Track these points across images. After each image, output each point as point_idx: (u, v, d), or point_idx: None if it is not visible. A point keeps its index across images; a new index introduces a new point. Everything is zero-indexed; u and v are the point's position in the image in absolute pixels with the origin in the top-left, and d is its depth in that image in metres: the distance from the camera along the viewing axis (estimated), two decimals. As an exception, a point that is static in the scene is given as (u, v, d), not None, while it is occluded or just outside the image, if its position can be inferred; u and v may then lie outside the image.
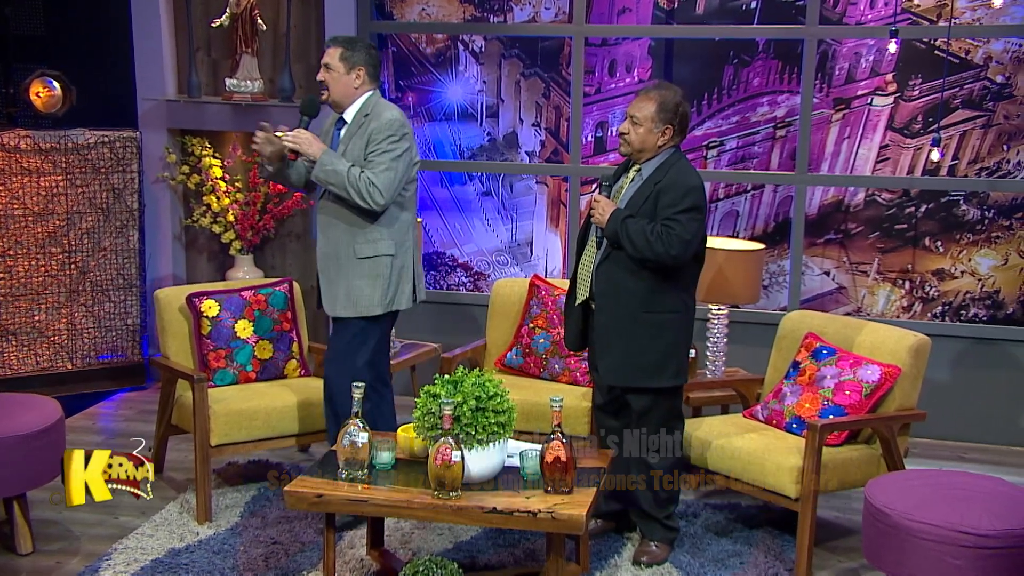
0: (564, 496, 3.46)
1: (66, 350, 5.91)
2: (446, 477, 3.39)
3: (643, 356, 3.87)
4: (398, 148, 4.02)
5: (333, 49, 4.10)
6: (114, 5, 6.11)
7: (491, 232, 6.15)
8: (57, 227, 5.80)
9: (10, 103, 5.94)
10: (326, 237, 4.13)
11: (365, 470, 3.54)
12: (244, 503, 4.46)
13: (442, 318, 6.07)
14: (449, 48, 6.04)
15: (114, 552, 3.98)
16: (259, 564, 3.91)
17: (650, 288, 3.84)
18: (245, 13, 5.81)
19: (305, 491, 3.46)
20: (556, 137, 5.97)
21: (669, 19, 5.74)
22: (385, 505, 3.44)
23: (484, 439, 3.48)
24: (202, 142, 6.11)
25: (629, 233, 3.76)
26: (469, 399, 3.47)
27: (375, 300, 4.09)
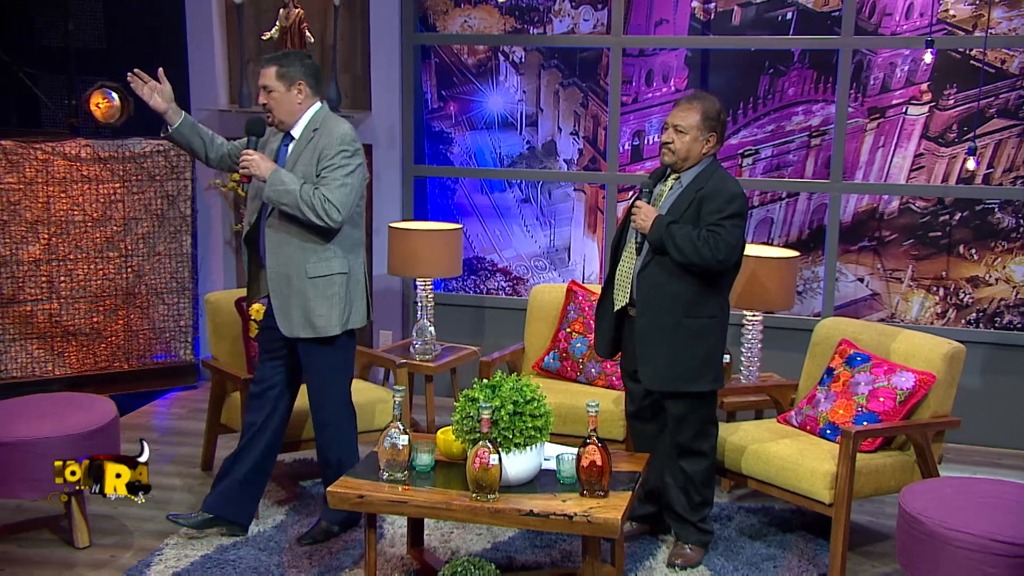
0: (600, 500, 3.41)
1: (122, 351, 5.95)
2: (484, 480, 3.35)
3: (684, 361, 3.81)
4: (351, 163, 3.78)
5: (268, 69, 3.80)
6: (170, 20, 6.14)
7: (530, 238, 6.11)
8: (114, 232, 5.84)
9: (72, 114, 5.99)
10: (276, 256, 3.84)
11: (406, 472, 3.51)
12: (290, 501, 4.45)
13: (482, 321, 6.05)
14: (490, 59, 6.01)
15: (165, 547, 3.98)
16: (303, 561, 3.89)
17: (692, 293, 3.77)
18: (294, 26, 5.81)
19: (347, 491, 3.44)
20: (594, 145, 5.91)
21: (706, 30, 5.66)
22: (425, 506, 3.41)
23: (521, 443, 3.44)
24: (252, 150, 6.11)
25: (675, 238, 3.69)
26: (507, 404, 3.43)
27: (333, 320, 3.85)
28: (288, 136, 3.88)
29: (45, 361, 5.79)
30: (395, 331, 6.06)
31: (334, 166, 3.75)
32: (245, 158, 3.75)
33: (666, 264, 3.76)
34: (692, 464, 3.92)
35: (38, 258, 5.69)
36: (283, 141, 3.90)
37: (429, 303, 5.33)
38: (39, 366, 5.77)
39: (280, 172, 3.74)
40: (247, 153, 3.76)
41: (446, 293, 6.11)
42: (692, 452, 3.91)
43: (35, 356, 5.76)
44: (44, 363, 5.79)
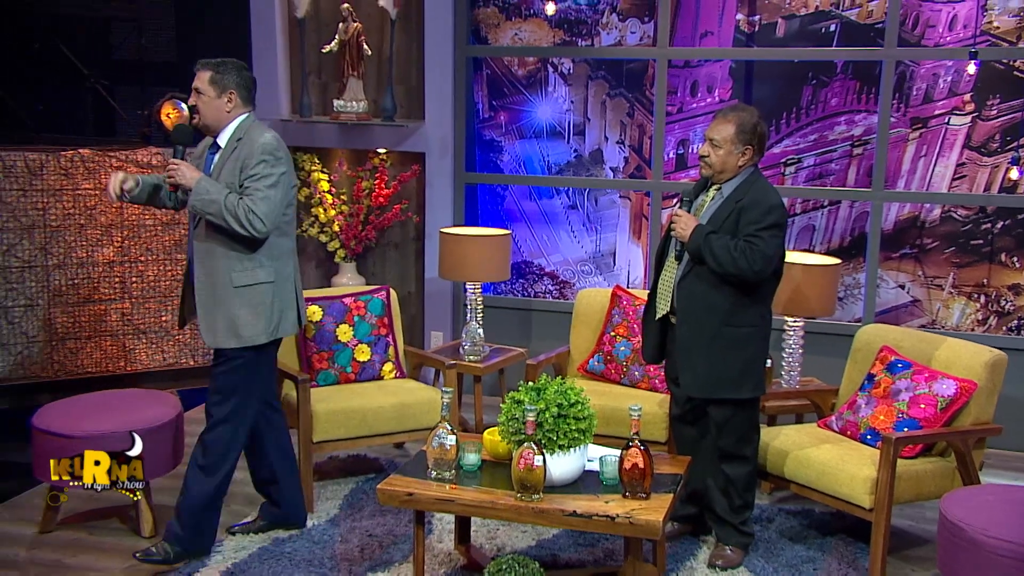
0: (642, 501, 3.33)
1: (188, 348, 5.98)
2: (528, 480, 3.29)
3: (724, 369, 3.71)
4: (274, 173, 3.57)
5: (203, 72, 3.63)
6: (236, 33, 6.16)
7: (576, 243, 6.03)
8: (182, 235, 5.86)
9: (144, 123, 6.04)
10: (202, 266, 3.65)
11: (453, 471, 3.46)
12: (343, 496, 4.42)
13: (529, 323, 5.98)
14: (539, 70, 5.94)
15: (225, 539, 3.97)
16: (355, 555, 3.85)
17: (731, 303, 3.67)
18: (352, 40, 5.79)
19: (397, 489, 3.40)
20: (639, 154, 5.82)
21: (750, 42, 5.54)
22: (471, 505, 3.35)
23: (565, 445, 3.37)
24: (312, 158, 6.12)
25: (712, 248, 3.60)
26: (551, 406, 3.37)
27: (259, 329, 3.64)
28: (215, 145, 3.70)
29: (117, 357, 5.83)
30: (445, 332, 6.02)
31: (256, 176, 3.55)
32: (171, 167, 3.59)
33: (705, 274, 3.67)
34: (734, 468, 3.81)
35: (112, 259, 5.74)
36: (210, 150, 3.73)
37: (478, 306, 5.27)
38: (111, 362, 5.82)
39: (205, 181, 3.56)
40: (173, 162, 3.60)
41: (495, 296, 6.05)
42: (734, 457, 3.81)
43: (108, 352, 5.81)
44: (116, 359, 5.83)
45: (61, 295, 5.64)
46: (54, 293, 5.63)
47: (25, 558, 3.84)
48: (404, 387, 4.57)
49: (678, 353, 3.78)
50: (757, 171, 3.77)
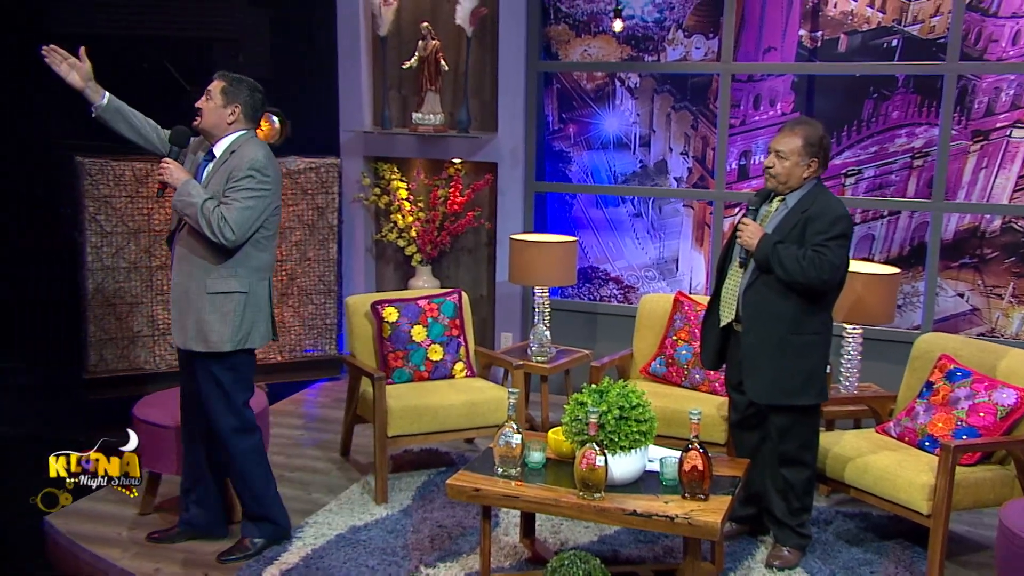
0: (700, 502, 3.22)
1: (277, 344, 6.02)
2: (590, 479, 3.21)
3: (789, 376, 3.57)
4: (257, 189, 3.45)
5: (218, 81, 3.55)
6: (324, 51, 6.19)
7: (640, 250, 5.91)
8: (271, 240, 5.91)
9: (238, 135, 6.09)
10: (180, 269, 3.55)
11: (518, 468, 3.39)
12: (416, 487, 4.39)
13: (594, 326, 5.89)
14: (607, 84, 5.84)
15: (305, 526, 3.96)
16: (425, 545, 3.81)
17: (797, 311, 3.53)
18: (431, 56, 5.77)
19: (464, 484, 3.34)
20: (703, 164, 5.68)
21: (812, 56, 5.36)
22: (535, 502, 3.28)
23: (627, 446, 3.28)
24: (391, 168, 6.12)
25: (780, 258, 3.46)
26: (613, 408, 3.28)
27: (225, 336, 3.50)
28: (210, 153, 3.59)
29: (211, 352, 5.90)
30: (515, 333, 5.96)
31: (238, 188, 3.44)
32: (163, 166, 3.50)
33: (771, 282, 3.53)
34: (794, 473, 3.67)
35: (207, 262, 5.81)
36: (205, 158, 3.62)
37: (546, 309, 5.20)
38: (205, 356, 5.89)
39: (190, 184, 3.47)
40: (165, 161, 3.51)
41: (562, 300, 5.97)
42: (794, 462, 3.67)
43: (202, 347, 5.88)
44: (210, 353, 5.90)
45: (163, 294, 5.72)
46: (156, 292, 5.72)
47: (126, 537, 3.88)
48: (474, 386, 4.52)
49: (743, 360, 3.65)
50: (820, 182, 3.63)
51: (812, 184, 3.59)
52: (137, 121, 3.61)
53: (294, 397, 5.86)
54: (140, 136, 3.62)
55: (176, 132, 3.60)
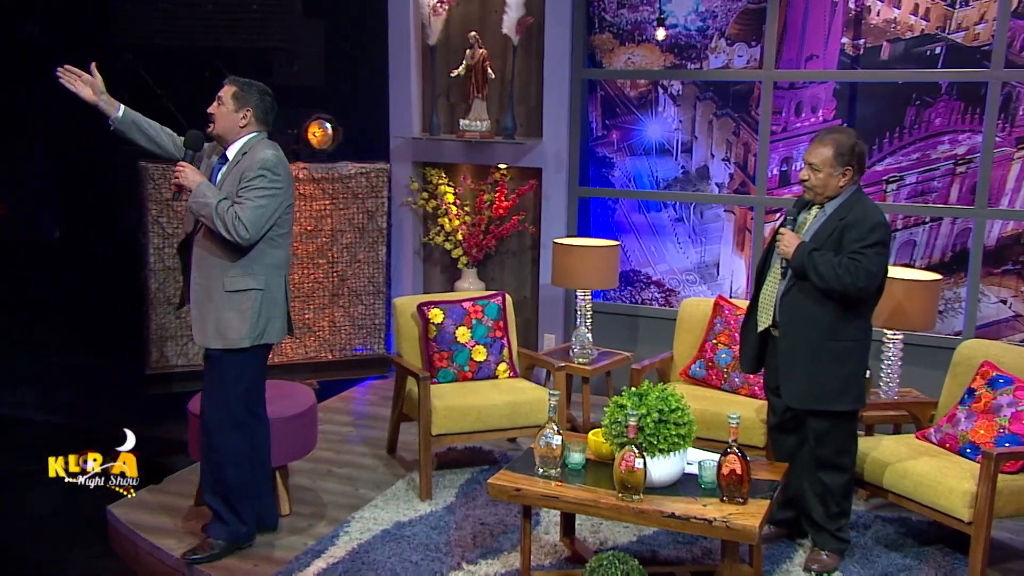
0: (739, 506, 3.15)
1: (328, 343, 6.04)
2: (629, 481, 3.15)
3: (826, 382, 3.48)
4: (269, 187, 3.43)
5: (229, 87, 3.52)
6: (376, 61, 6.21)
7: (682, 254, 5.83)
8: (324, 243, 5.93)
9: (294, 141, 6.12)
10: (199, 269, 3.53)
11: (558, 468, 3.34)
12: (459, 485, 4.36)
13: (636, 328, 5.82)
14: (650, 91, 5.77)
15: (352, 520, 3.95)
16: (468, 541, 3.78)
17: (834, 317, 3.44)
18: (478, 64, 5.75)
19: (505, 484, 3.30)
20: (744, 170, 5.58)
21: (854, 64, 5.23)
22: (574, 503, 3.23)
23: (665, 449, 3.22)
24: (439, 173, 6.11)
25: (816, 265, 3.38)
26: (652, 412, 3.22)
27: (243, 333, 3.48)
28: (223, 157, 3.57)
29: (265, 349, 5.93)
30: (557, 335, 5.91)
31: (251, 187, 3.41)
32: (177, 170, 3.48)
33: (808, 289, 3.44)
34: (832, 477, 3.58)
35: (262, 263, 5.84)
36: (219, 161, 3.59)
37: (588, 312, 5.15)
38: (260, 353, 5.93)
39: (205, 185, 3.45)
40: (181, 165, 3.49)
41: (604, 302, 5.91)
42: (832, 466, 3.57)
43: (257, 345, 5.92)
44: (264, 351, 5.93)
45: (219, 293, 5.77)
46: (213, 291, 5.76)
47: (182, 527, 3.91)
48: (516, 386, 4.48)
49: (779, 365, 3.57)
50: (859, 189, 3.53)
51: (851, 191, 3.49)
52: (152, 131, 3.61)
53: (344, 394, 5.88)
54: (155, 145, 3.63)
55: (190, 136, 3.59)
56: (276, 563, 3.59)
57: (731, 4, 5.44)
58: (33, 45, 6.76)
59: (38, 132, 4.41)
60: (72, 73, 3.46)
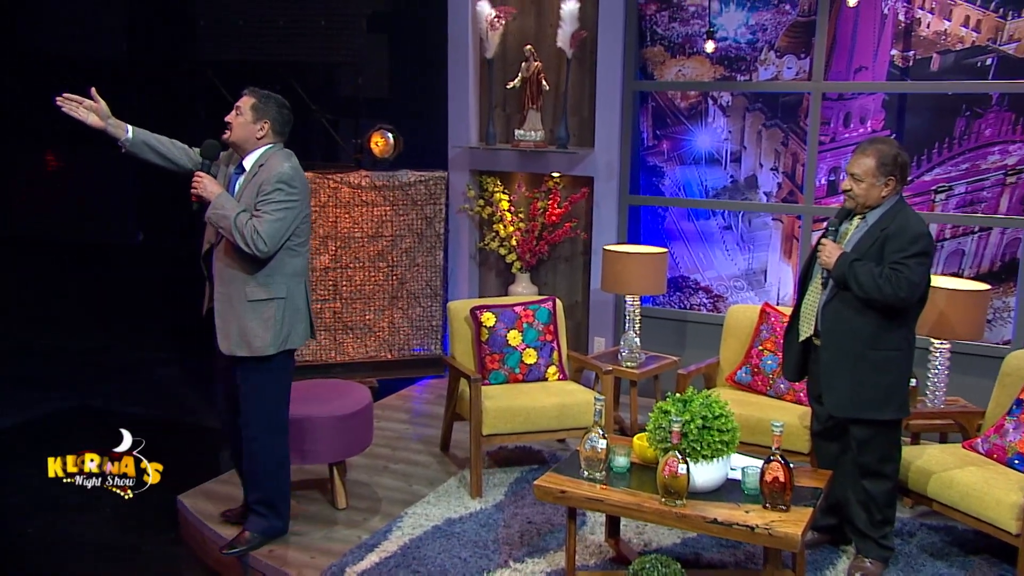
0: (781, 513, 3.04)
1: (387, 343, 6.05)
2: (672, 486, 3.06)
3: (868, 390, 3.34)
4: (286, 200, 3.36)
5: (248, 97, 3.44)
6: (436, 74, 6.20)
7: (730, 261, 5.69)
8: (384, 247, 5.94)
9: (358, 150, 6.15)
10: (221, 279, 3.45)
11: (603, 471, 3.27)
12: (508, 483, 4.30)
13: (684, 333, 5.70)
14: (700, 102, 5.64)
15: (405, 516, 3.93)
16: (515, 540, 3.73)
17: (876, 327, 3.31)
18: (533, 76, 5.70)
19: (551, 486, 3.24)
20: (792, 180, 5.43)
21: (904, 76, 5.04)
22: (618, 506, 3.16)
23: (708, 455, 3.12)
24: (494, 181, 6.07)
25: (857, 275, 3.25)
26: (696, 418, 3.13)
27: (267, 341, 3.43)
28: (240, 167, 3.50)
29: (329, 349, 5.96)
30: (607, 338, 5.82)
31: (269, 200, 3.35)
32: (196, 180, 3.41)
33: (849, 299, 3.31)
34: (875, 485, 3.44)
35: (327, 266, 5.87)
36: (235, 171, 3.52)
37: (636, 316, 5.06)
38: (325, 353, 5.95)
39: (223, 197, 3.38)
40: (199, 175, 3.42)
41: (653, 307, 5.80)
42: (875, 474, 3.43)
43: (323, 345, 5.95)
44: (329, 350, 5.96)
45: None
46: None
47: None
48: (565, 389, 4.41)
49: (821, 374, 3.44)
50: (902, 199, 3.39)
51: (893, 202, 3.35)
52: (164, 147, 3.54)
53: (402, 393, 5.87)
54: (168, 162, 3.55)
55: (207, 146, 3.52)
56: (332, 555, 3.58)
57: (781, 17, 5.30)
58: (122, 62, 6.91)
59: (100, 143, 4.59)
60: (72, 100, 3.36)
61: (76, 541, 4.00)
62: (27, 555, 3.91)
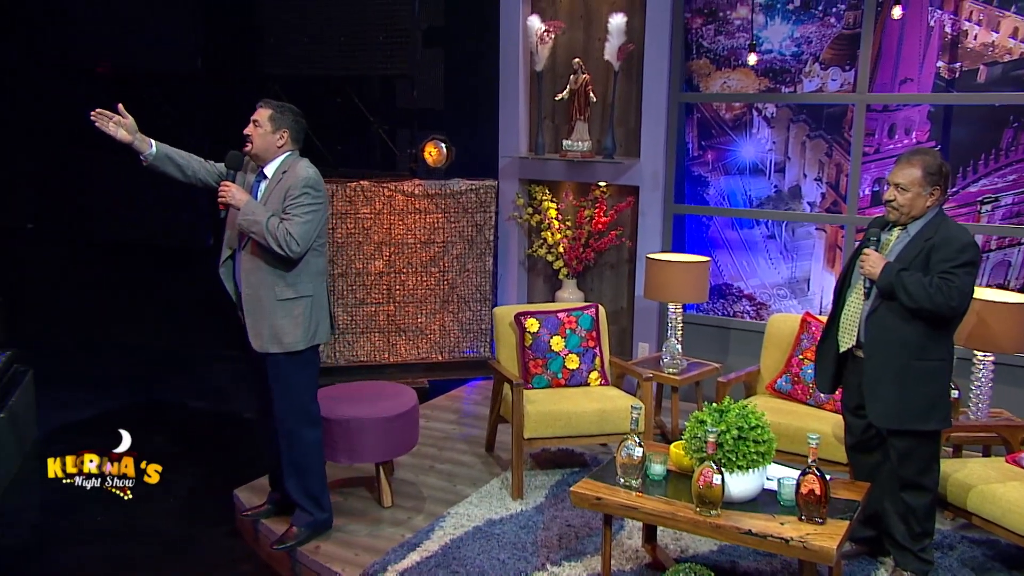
0: (817, 526, 2.91)
1: (438, 345, 6.03)
2: (707, 496, 2.96)
3: (913, 401, 3.19)
4: (313, 203, 3.40)
5: (264, 109, 3.49)
6: (488, 85, 6.16)
7: (773, 269, 5.53)
8: (436, 253, 5.93)
9: (412, 160, 6.15)
10: (249, 281, 3.48)
11: (639, 479, 3.18)
12: (550, 486, 4.23)
13: (727, 340, 5.56)
14: (745, 114, 5.49)
15: (447, 516, 3.89)
16: (553, 543, 3.65)
17: (922, 336, 3.16)
18: (581, 88, 5.62)
19: (587, 492, 3.16)
20: (836, 190, 5.24)
21: (950, 87, 4.83)
22: (652, 514, 3.06)
23: (744, 466, 3.01)
24: (543, 189, 6.00)
25: (906, 285, 3.10)
26: (732, 429, 3.02)
27: (298, 337, 3.46)
28: (261, 174, 3.53)
29: (383, 350, 5.98)
30: (651, 344, 5.70)
31: (298, 204, 3.39)
32: (223, 189, 3.43)
33: (895, 309, 3.16)
34: (914, 497, 3.28)
35: (381, 271, 5.89)
36: (257, 178, 3.55)
37: (678, 324, 4.94)
38: (378, 353, 5.97)
39: (252, 203, 3.42)
40: (226, 184, 3.44)
41: (697, 314, 5.67)
42: (915, 486, 3.28)
43: (376, 346, 5.96)
44: (382, 351, 5.97)
45: (343, 298, 5.84)
46: (338, 296, 5.84)
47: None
48: (607, 394, 4.32)
49: (865, 386, 3.29)
50: (942, 210, 3.23)
51: (934, 212, 3.20)
52: (184, 161, 3.57)
53: (452, 393, 5.84)
54: (187, 176, 3.58)
55: (231, 157, 3.54)
56: (376, 552, 3.56)
57: (826, 30, 5.12)
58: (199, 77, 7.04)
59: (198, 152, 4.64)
60: (104, 115, 3.40)
61: (140, 530, 4.05)
62: (96, 541, 3.97)
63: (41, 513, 4.18)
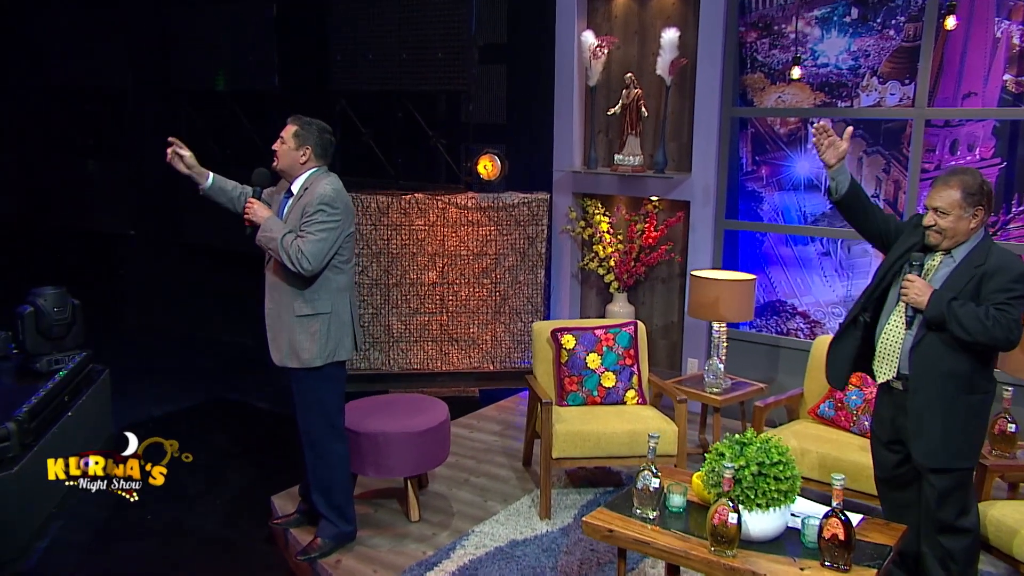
0: (840, 574, 2.62)
1: (489, 355, 5.89)
2: (722, 535, 2.70)
3: (960, 437, 2.87)
4: (328, 221, 3.28)
5: (290, 126, 3.39)
6: (542, 100, 5.99)
7: (828, 287, 5.16)
8: (488, 264, 5.79)
9: (468, 173, 6.04)
10: (271, 296, 3.43)
11: (656, 510, 2.95)
12: (580, 505, 4.02)
13: (777, 358, 5.22)
14: (799, 129, 5.14)
15: (471, 534, 3.73)
16: (573, 568, 3.45)
17: (971, 368, 2.83)
18: (633, 103, 5.39)
19: (599, 524, 2.94)
20: (893, 207, 4.84)
21: (1017, 101, 4.38)
22: (665, 551, 2.81)
23: (763, 504, 2.74)
24: (595, 203, 5.79)
25: (958, 316, 2.77)
26: (751, 464, 2.75)
27: (314, 353, 3.36)
28: (289, 191, 3.45)
29: (435, 359, 5.88)
30: (700, 360, 5.42)
31: (312, 221, 3.28)
32: (248, 206, 3.39)
33: (944, 339, 2.83)
34: (954, 541, 2.94)
35: (434, 281, 5.79)
36: (285, 195, 3.47)
37: (722, 342, 4.65)
38: (431, 362, 5.87)
39: (272, 220, 3.34)
40: (251, 202, 3.40)
41: (748, 331, 5.35)
42: (954, 529, 2.94)
43: (429, 354, 5.87)
44: (434, 360, 5.88)
45: (397, 307, 5.78)
46: (392, 305, 5.77)
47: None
48: (640, 415, 4.08)
49: (910, 421, 2.94)
50: (988, 234, 2.88)
51: (981, 236, 2.85)
52: (235, 192, 3.57)
53: (500, 404, 5.70)
54: (234, 205, 3.57)
55: (257, 174, 3.51)
56: (394, 569, 3.43)
57: (884, 43, 4.73)
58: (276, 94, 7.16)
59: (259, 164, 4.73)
60: (177, 147, 3.42)
61: (185, 529, 4.05)
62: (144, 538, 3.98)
63: (99, 510, 4.22)
